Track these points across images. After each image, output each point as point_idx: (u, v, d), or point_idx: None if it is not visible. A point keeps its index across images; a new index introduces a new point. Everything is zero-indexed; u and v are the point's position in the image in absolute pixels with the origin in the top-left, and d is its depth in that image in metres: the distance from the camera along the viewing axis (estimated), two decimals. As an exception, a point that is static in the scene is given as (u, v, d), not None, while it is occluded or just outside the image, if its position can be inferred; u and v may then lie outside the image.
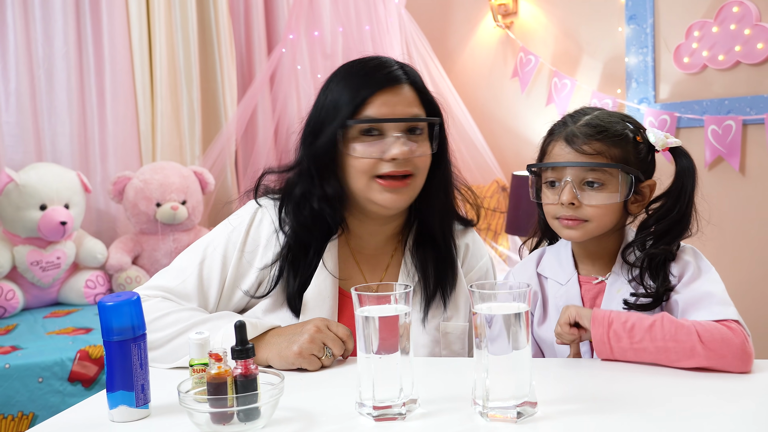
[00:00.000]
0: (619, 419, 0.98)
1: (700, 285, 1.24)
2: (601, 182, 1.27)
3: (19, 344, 2.42)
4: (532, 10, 3.65)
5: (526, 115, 3.70)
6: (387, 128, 1.35)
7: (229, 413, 0.98)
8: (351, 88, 1.37)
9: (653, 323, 1.17)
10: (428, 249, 1.47)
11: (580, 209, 1.28)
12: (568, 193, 1.27)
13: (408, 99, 1.38)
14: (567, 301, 1.35)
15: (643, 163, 1.31)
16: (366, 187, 1.37)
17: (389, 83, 1.36)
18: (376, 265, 1.50)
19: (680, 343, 1.14)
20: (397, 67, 1.40)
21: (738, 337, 1.14)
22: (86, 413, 1.11)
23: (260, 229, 1.44)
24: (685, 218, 1.30)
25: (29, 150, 3.17)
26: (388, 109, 1.35)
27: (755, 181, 2.97)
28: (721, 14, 2.97)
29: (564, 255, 1.39)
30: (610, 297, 1.31)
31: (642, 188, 1.31)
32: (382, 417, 1.00)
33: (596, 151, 1.27)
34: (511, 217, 3.23)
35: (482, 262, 1.55)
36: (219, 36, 3.55)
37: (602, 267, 1.36)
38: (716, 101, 3.01)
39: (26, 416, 2.24)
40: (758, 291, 2.96)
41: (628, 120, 1.32)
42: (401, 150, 1.34)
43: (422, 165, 1.39)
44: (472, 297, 1.00)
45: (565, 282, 1.37)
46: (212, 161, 3.46)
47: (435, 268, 1.46)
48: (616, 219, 1.31)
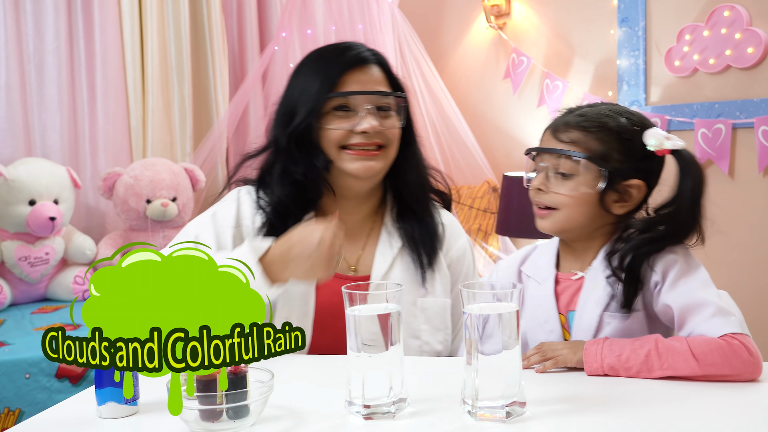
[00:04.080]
0: (609, 420, 0.98)
1: (693, 290, 1.20)
2: (571, 173, 1.25)
3: (6, 340, 2.40)
4: (524, 12, 3.65)
5: (517, 116, 3.71)
6: (358, 104, 1.44)
7: (218, 410, 0.98)
8: (323, 68, 1.46)
9: (648, 354, 1.13)
10: (410, 219, 1.53)
11: (548, 196, 1.27)
12: (539, 178, 1.28)
13: (377, 78, 1.48)
14: (540, 301, 1.32)
15: (632, 161, 1.25)
16: (337, 158, 1.45)
17: (359, 63, 1.46)
18: (354, 243, 1.53)
19: (678, 371, 1.11)
20: (365, 49, 1.50)
21: (738, 352, 1.10)
22: (74, 409, 1.10)
23: (244, 207, 1.50)
24: (683, 228, 1.24)
25: (18, 145, 3.15)
26: (358, 87, 1.44)
27: (744, 184, 2.99)
28: (712, 18, 2.99)
29: (549, 253, 1.37)
30: (587, 294, 1.28)
31: (627, 187, 1.26)
32: (372, 415, 1.00)
33: (571, 140, 1.25)
34: (501, 218, 3.24)
35: (460, 242, 1.58)
36: (211, 33, 3.53)
37: (584, 263, 1.32)
38: (706, 105, 3.03)
39: (13, 412, 2.23)
40: (747, 294, 2.98)
41: (632, 116, 1.27)
42: (371, 124, 1.42)
43: (392, 137, 1.47)
44: (462, 296, 1.00)
45: (542, 281, 1.35)
46: (203, 158, 3.45)
47: (419, 234, 1.51)
48: (586, 213, 1.26)
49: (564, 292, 1.33)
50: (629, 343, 1.16)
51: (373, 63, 1.48)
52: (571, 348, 1.19)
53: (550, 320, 1.31)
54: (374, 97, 1.45)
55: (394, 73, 1.53)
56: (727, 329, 1.14)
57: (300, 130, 1.45)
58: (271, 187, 1.49)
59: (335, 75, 1.44)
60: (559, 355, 1.18)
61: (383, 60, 1.52)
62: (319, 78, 1.44)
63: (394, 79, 1.52)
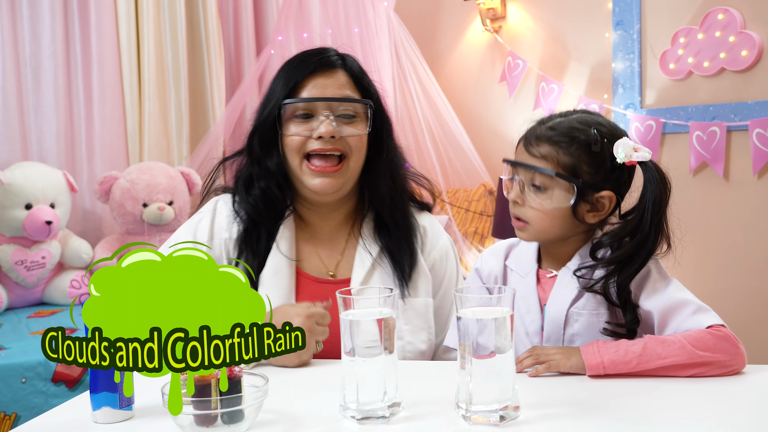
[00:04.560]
0: (603, 424, 0.99)
1: (670, 292, 1.23)
2: (545, 186, 1.27)
3: (3, 344, 2.40)
4: (520, 15, 3.67)
5: (513, 120, 3.72)
6: (316, 109, 1.42)
7: (212, 415, 0.98)
8: (288, 73, 1.46)
9: (644, 347, 1.16)
10: (386, 232, 1.51)
11: (522, 209, 1.29)
12: (514, 191, 1.30)
13: (340, 82, 1.44)
14: (524, 294, 1.34)
15: (601, 173, 1.26)
16: (299, 170, 1.44)
17: (322, 67, 1.44)
18: (332, 248, 1.53)
19: (676, 357, 1.14)
20: (333, 54, 1.48)
21: (728, 338, 1.15)
22: (69, 414, 1.10)
23: (220, 219, 1.50)
24: (650, 240, 1.24)
25: (15, 148, 3.15)
26: (318, 91, 1.42)
27: (739, 186, 3.00)
28: (706, 21, 3.00)
29: (532, 248, 1.39)
30: (557, 291, 1.30)
31: (599, 198, 1.27)
32: (366, 420, 1.01)
33: (542, 155, 1.26)
34: (497, 221, 3.25)
35: (441, 243, 1.58)
36: (208, 36, 3.54)
37: (561, 263, 1.34)
38: (701, 107, 3.04)
39: (9, 417, 2.23)
40: (741, 296, 2.99)
41: (601, 128, 1.28)
42: (327, 129, 1.40)
43: (355, 145, 1.44)
44: (456, 300, 1.01)
45: (525, 275, 1.37)
46: (200, 162, 3.45)
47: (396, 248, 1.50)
48: (561, 225, 1.28)
49: (543, 287, 1.35)
50: (623, 341, 1.19)
51: (339, 67, 1.45)
52: (565, 353, 1.20)
53: (531, 311, 1.33)
54: (333, 102, 1.42)
55: (368, 78, 1.50)
56: (711, 321, 1.18)
57: (261, 132, 1.45)
58: (242, 191, 1.50)
59: (297, 80, 1.43)
60: (552, 360, 1.19)
61: (352, 64, 1.48)
62: (282, 83, 1.45)
63: (363, 84, 1.48)
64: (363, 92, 1.47)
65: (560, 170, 1.25)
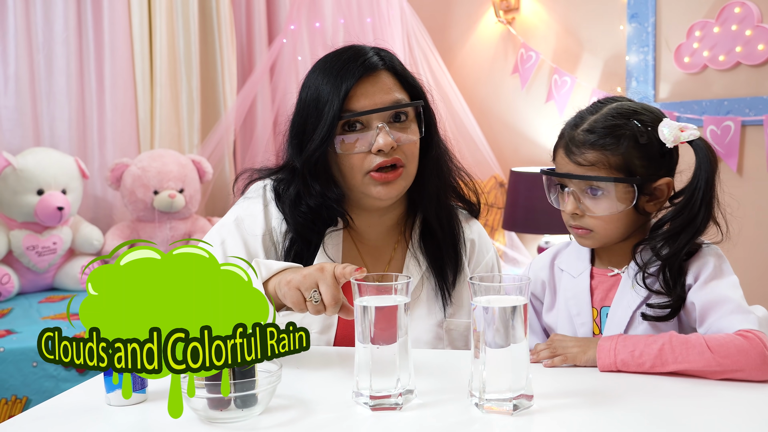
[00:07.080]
0: (616, 414, 0.98)
1: (718, 287, 1.18)
2: (602, 190, 1.22)
3: (14, 328, 2.42)
4: (533, 7, 3.64)
5: (525, 112, 3.70)
6: (369, 120, 1.34)
7: (226, 399, 0.98)
8: (329, 83, 1.35)
9: (662, 348, 1.12)
10: (434, 241, 1.45)
11: (584, 219, 1.25)
12: (571, 204, 1.25)
13: (387, 85, 1.36)
14: (575, 294, 1.31)
15: (654, 162, 1.23)
16: (361, 184, 1.36)
17: (366, 72, 1.34)
18: (378, 257, 1.49)
19: (693, 363, 1.10)
20: (372, 54, 1.37)
21: (755, 346, 1.09)
22: (81, 397, 1.11)
23: (272, 208, 1.44)
24: (699, 218, 1.22)
25: (27, 134, 3.16)
26: (367, 100, 1.34)
27: (753, 182, 2.98)
28: (722, 15, 2.98)
29: (583, 248, 1.35)
30: (623, 292, 1.27)
31: (657, 187, 1.24)
32: (379, 407, 1.00)
33: (591, 162, 1.22)
34: (508, 213, 3.24)
35: (488, 257, 1.54)
36: (220, 25, 3.54)
37: (621, 260, 1.31)
38: (715, 102, 3.02)
39: (20, 400, 2.25)
40: (755, 292, 2.97)
41: (640, 117, 1.24)
42: (386, 141, 1.32)
43: (410, 152, 1.37)
44: (471, 289, 1.00)
45: (577, 275, 1.33)
46: (210, 150, 3.46)
47: (438, 260, 1.45)
48: (626, 224, 1.25)
49: (598, 287, 1.31)
50: (644, 338, 1.15)
51: (382, 69, 1.36)
52: (582, 346, 1.18)
53: (582, 313, 1.30)
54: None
55: (408, 72, 1.42)
56: (745, 325, 1.13)
57: (313, 158, 1.35)
58: (288, 205, 1.42)
59: (342, 91, 1.32)
60: (569, 353, 1.18)
61: (393, 61, 1.40)
62: (325, 95, 1.34)
63: (408, 82, 1.40)
64: (409, 90, 1.40)
65: (615, 173, 1.21)
